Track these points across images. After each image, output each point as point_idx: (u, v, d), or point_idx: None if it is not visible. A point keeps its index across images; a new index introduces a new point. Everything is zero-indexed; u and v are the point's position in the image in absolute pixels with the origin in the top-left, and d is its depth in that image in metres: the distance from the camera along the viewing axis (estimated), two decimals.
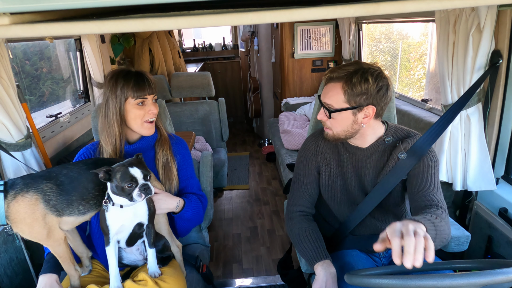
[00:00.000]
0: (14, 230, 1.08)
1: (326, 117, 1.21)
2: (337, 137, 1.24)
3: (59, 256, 1.14)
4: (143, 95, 1.27)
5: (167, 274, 1.24)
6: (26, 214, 1.04)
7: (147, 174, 1.10)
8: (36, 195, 1.06)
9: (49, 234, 1.09)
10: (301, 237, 1.31)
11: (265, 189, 3.52)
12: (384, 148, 1.29)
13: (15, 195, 1.04)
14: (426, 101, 2.31)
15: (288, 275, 1.42)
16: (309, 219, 1.38)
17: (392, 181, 1.24)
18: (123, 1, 0.63)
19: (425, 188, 1.19)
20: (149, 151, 1.40)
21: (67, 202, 1.09)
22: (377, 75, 1.13)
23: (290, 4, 0.77)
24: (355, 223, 1.34)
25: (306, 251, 1.27)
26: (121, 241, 1.21)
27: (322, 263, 1.21)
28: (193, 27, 0.69)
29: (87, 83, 2.80)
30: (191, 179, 1.46)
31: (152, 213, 1.23)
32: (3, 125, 1.59)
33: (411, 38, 3.22)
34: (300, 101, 3.64)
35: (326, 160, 1.36)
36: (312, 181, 1.38)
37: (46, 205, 1.07)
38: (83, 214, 1.14)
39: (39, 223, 1.06)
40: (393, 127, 1.31)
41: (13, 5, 0.61)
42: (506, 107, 1.52)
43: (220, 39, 6.10)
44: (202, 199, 1.46)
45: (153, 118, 1.32)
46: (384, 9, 0.67)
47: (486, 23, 1.37)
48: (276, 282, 2.19)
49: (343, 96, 1.15)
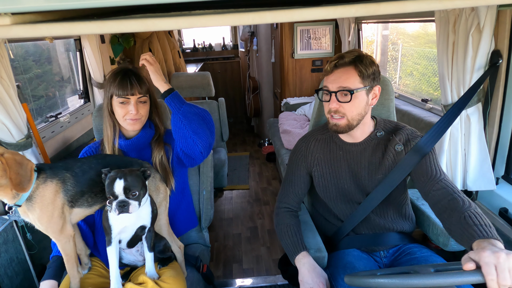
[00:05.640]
0: (31, 216, 1.08)
1: (342, 103, 1.22)
2: (351, 123, 1.25)
3: (65, 254, 1.16)
4: (125, 95, 1.29)
5: (167, 275, 1.24)
6: (50, 199, 1.07)
7: (130, 189, 1.07)
8: (60, 184, 1.10)
9: (63, 227, 1.12)
10: (282, 233, 1.36)
11: (265, 189, 3.52)
12: (377, 142, 1.32)
13: (46, 179, 1.08)
14: (426, 101, 2.31)
15: (288, 271, 1.42)
16: (293, 215, 1.42)
17: (396, 177, 1.27)
18: (123, 1, 0.64)
19: (434, 175, 1.22)
20: (146, 149, 1.41)
21: (80, 193, 1.13)
22: (373, 60, 1.24)
23: (291, 4, 0.77)
24: (357, 220, 1.36)
25: (286, 246, 1.32)
26: (123, 241, 1.21)
27: (299, 257, 1.26)
28: (194, 27, 0.69)
29: (87, 83, 2.80)
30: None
31: (154, 216, 1.23)
32: (4, 125, 1.59)
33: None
34: (300, 101, 3.63)
35: (317, 161, 1.39)
36: (300, 182, 1.43)
37: (64, 195, 1.10)
38: (90, 206, 1.17)
39: (58, 212, 1.09)
40: (381, 121, 1.36)
41: (14, 6, 0.61)
42: (506, 107, 1.52)
43: (220, 39, 6.10)
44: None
45: (134, 118, 1.32)
46: (385, 9, 0.67)
47: (486, 23, 1.37)
48: (276, 282, 2.19)
49: (358, 77, 1.21)
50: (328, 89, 1.24)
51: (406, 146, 1.28)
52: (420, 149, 1.24)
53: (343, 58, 1.21)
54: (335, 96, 1.22)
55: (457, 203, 1.11)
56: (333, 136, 1.38)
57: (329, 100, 1.24)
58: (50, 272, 1.23)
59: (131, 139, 1.37)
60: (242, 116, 6.04)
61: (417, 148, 1.24)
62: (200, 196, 1.66)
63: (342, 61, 1.21)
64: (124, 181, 1.06)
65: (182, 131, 1.32)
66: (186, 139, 1.33)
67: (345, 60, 1.21)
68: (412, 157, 1.24)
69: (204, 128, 1.32)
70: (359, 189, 1.34)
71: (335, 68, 1.23)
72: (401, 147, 1.27)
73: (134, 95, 1.30)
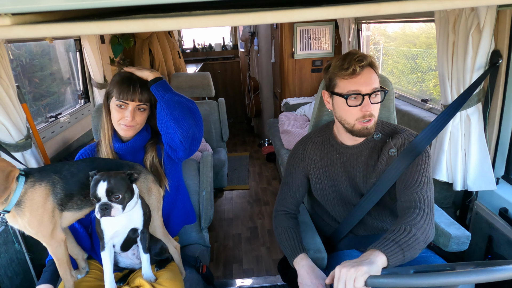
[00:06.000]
0: (20, 222, 1.07)
1: (373, 105, 1.17)
2: (374, 125, 1.22)
3: (57, 259, 1.15)
4: (124, 99, 1.27)
5: (164, 277, 1.23)
6: (39, 203, 1.06)
7: (113, 192, 1.05)
8: (49, 187, 1.09)
9: (53, 231, 1.11)
10: (280, 236, 1.35)
11: (265, 189, 3.52)
12: (373, 145, 1.30)
13: (34, 183, 1.06)
14: (426, 101, 2.31)
15: (288, 274, 1.42)
16: (291, 217, 1.41)
17: (390, 178, 1.25)
18: (123, 1, 0.64)
19: (412, 185, 1.18)
20: (141, 151, 1.41)
21: (69, 196, 1.12)
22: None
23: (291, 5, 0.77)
24: (353, 223, 1.35)
25: (285, 249, 1.31)
26: (116, 245, 1.20)
27: (297, 259, 1.25)
28: (194, 27, 0.69)
29: (87, 83, 2.80)
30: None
31: (147, 218, 1.22)
32: (3, 126, 1.59)
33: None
34: (300, 101, 3.63)
35: (314, 164, 1.38)
36: (298, 185, 1.42)
37: (53, 198, 1.09)
38: (80, 209, 1.17)
39: (48, 216, 1.08)
40: (379, 123, 1.32)
41: (14, 6, 0.61)
42: (506, 107, 1.52)
43: (220, 39, 6.10)
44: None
45: (128, 124, 1.30)
46: (385, 9, 0.67)
47: (486, 23, 1.37)
48: (276, 282, 2.19)
49: (378, 78, 1.20)
50: (360, 92, 1.15)
51: (399, 149, 1.25)
52: (414, 148, 1.21)
53: (366, 58, 1.15)
54: (368, 98, 1.15)
55: (411, 215, 1.10)
56: (330, 138, 1.37)
57: (360, 104, 1.16)
58: (46, 276, 1.23)
59: (126, 143, 1.36)
60: (242, 116, 6.04)
61: (411, 147, 1.22)
62: (200, 196, 1.66)
63: (366, 62, 1.15)
64: (107, 183, 1.04)
65: (164, 120, 1.29)
66: (167, 128, 1.29)
67: (368, 61, 1.16)
68: (406, 157, 1.21)
69: (188, 117, 1.28)
70: (355, 192, 1.33)
71: (362, 69, 1.15)
72: (394, 151, 1.24)
73: (134, 101, 1.28)
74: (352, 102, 1.17)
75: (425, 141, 1.23)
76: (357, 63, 1.13)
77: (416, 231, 1.05)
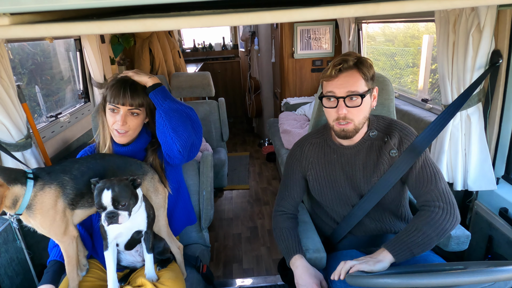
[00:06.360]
0: (33, 222, 1.08)
1: (350, 108, 1.18)
2: (357, 128, 1.23)
3: (67, 256, 1.15)
4: (115, 103, 1.26)
5: (166, 277, 1.23)
6: (50, 205, 1.06)
7: (118, 201, 1.04)
8: (58, 188, 1.09)
9: (66, 229, 1.11)
10: (278, 236, 1.37)
11: (265, 189, 3.52)
12: (371, 144, 1.30)
13: (43, 186, 1.06)
14: (426, 101, 2.31)
15: (288, 275, 1.42)
16: (289, 218, 1.41)
17: (391, 179, 1.25)
18: (123, 1, 0.63)
19: (425, 186, 1.22)
20: (141, 154, 1.40)
21: (81, 195, 1.13)
22: (371, 62, 1.23)
23: (290, 4, 0.77)
24: (353, 224, 1.35)
25: (283, 250, 1.33)
26: (120, 244, 1.21)
27: (292, 260, 1.27)
28: (193, 27, 0.69)
29: (87, 83, 2.80)
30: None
31: (151, 220, 1.22)
32: (3, 125, 1.59)
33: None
34: (300, 101, 3.63)
35: (311, 165, 1.38)
36: (296, 186, 1.42)
37: (64, 198, 1.09)
38: (91, 206, 1.17)
39: (60, 216, 1.09)
40: (374, 119, 1.33)
41: (13, 6, 0.61)
42: (506, 107, 1.52)
43: (220, 39, 6.10)
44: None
45: (120, 129, 1.28)
46: (384, 9, 0.67)
47: (486, 23, 1.37)
48: (276, 282, 2.19)
49: (363, 80, 1.18)
50: (334, 95, 1.18)
51: (399, 149, 1.26)
52: (415, 148, 1.23)
53: (347, 61, 1.16)
54: (343, 101, 1.17)
55: (424, 213, 1.18)
56: (327, 139, 1.37)
57: (335, 106, 1.19)
58: (47, 277, 1.22)
59: (126, 147, 1.35)
60: (242, 116, 6.04)
61: (412, 147, 1.23)
62: (200, 196, 1.66)
63: (347, 65, 1.16)
64: (112, 191, 1.03)
65: (163, 129, 1.27)
66: (166, 138, 1.28)
67: (350, 64, 1.16)
68: (407, 158, 1.23)
69: (187, 126, 1.26)
70: (354, 192, 1.33)
71: (339, 72, 1.17)
72: (395, 152, 1.25)
73: (125, 105, 1.26)
74: (327, 104, 1.22)
75: (426, 141, 1.24)
76: (335, 66, 1.17)
77: (427, 228, 1.13)
